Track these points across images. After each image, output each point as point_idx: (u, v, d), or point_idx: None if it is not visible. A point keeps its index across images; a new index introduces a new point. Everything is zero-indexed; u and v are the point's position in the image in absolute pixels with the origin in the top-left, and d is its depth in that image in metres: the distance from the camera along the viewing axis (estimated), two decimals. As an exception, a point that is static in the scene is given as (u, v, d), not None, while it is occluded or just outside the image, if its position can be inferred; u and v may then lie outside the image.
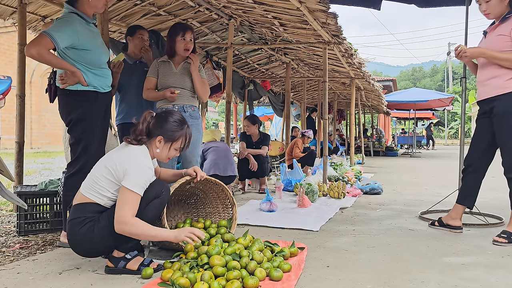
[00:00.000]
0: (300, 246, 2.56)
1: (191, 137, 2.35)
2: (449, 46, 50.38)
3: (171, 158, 2.34)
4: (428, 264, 2.33)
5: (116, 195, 2.12)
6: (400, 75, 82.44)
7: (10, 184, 5.26)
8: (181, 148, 2.30)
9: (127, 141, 2.20)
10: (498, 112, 2.88)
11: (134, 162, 2.09)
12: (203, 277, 1.93)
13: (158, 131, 2.23)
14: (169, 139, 2.24)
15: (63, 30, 2.44)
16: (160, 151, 2.24)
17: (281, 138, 12.89)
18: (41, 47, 2.35)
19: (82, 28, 2.54)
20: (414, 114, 17.27)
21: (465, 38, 3.81)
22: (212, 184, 2.66)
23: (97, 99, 2.62)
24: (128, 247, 2.15)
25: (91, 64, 2.59)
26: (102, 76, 2.66)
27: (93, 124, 2.62)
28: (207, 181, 2.58)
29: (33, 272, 2.17)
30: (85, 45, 2.53)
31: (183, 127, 2.29)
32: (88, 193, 2.13)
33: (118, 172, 2.08)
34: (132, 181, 2.04)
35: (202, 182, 2.57)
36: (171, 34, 3.30)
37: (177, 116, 2.31)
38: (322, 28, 4.73)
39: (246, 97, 8.99)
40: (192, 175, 2.44)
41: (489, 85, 2.93)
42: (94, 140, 2.62)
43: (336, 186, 4.79)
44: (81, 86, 2.56)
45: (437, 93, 16.74)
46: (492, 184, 3.30)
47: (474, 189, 3.13)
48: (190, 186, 2.64)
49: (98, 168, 2.16)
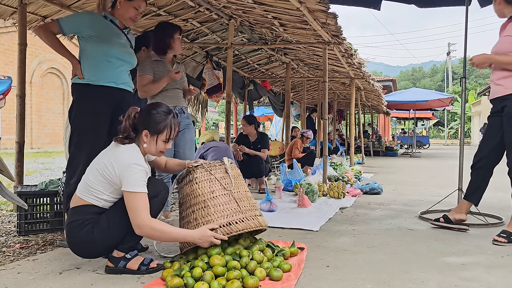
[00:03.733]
0: (300, 246, 2.56)
1: (178, 127, 2.28)
2: (449, 46, 50.44)
3: (163, 152, 2.27)
4: (428, 264, 2.34)
5: (112, 196, 2.12)
6: (400, 75, 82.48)
7: (11, 184, 5.26)
8: (168, 139, 2.22)
9: (117, 140, 2.17)
10: (509, 112, 2.90)
11: (126, 164, 2.05)
12: (204, 278, 1.93)
13: (143, 125, 2.19)
14: (154, 131, 2.18)
15: (70, 19, 2.67)
16: (148, 145, 2.19)
17: (281, 138, 12.91)
18: (47, 29, 2.58)
19: (97, 22, 2.63)
20: (414, 114, 17.28)
21: (465, 38, 3.81)
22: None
23: (98, 92, 2.59)
24: (128, 247, 2.16)
25: (101, 56, 2.60)
26: (110, 70, 2.64)
27: (90, 118, 2.59)
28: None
29: (33, 272, 2.17)
30: (94, 35, 2.59)
31: (167, 117, 2.22)
32: (84, 196, 2.12)
33: (112, 175, 2.06)
34: (131, 183, 2.03)
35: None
36: (167, 31, 3.24)
37: (161, 108, 2.24)
38: (322, 28, 4.74)
39: (246, 97, 8.99)
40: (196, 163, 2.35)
41: (501, 85, 2.96)
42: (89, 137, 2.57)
43: (336, 186, 4.79)
44: (79, 79, 2.60)
45: (437, 93, 16.75)
46: (492, 184, 3.31)
47: (480, 185, 3.15)
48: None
49: (91, 171, 2.14)
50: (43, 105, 18.07)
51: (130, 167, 2.05)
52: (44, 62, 17.93)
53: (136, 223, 2.02)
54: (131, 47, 2.81)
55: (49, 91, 18.49)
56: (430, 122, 34.84)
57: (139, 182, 2.05)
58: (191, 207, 2.25)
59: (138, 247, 2.41)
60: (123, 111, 2.31)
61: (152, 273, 2.14)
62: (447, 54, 51.55)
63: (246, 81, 8.74)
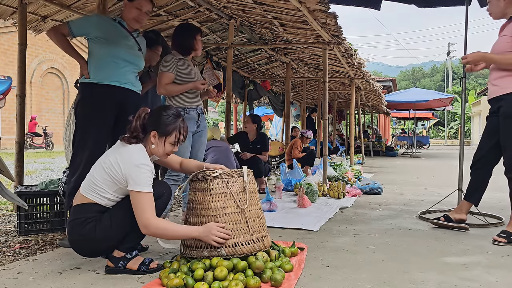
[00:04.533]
0: (300, 246, 2.56)
1: (187, 131, 2.29)
2: (449, 46, 50.42)
3: (169, 154, 2.29)
4: (428, 264, 2.34)
5: (116, 196, 2.12)
6: (400, 75, 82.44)
7: (11, 184, 5.26)
8: (176, 142, 2.24)
9: (124, 140, 2.17)
10: (504, 112, 2.90)
11: (133, 164, 2.06)
12: (205, 279, 1.93)
13: (152, 126, 2.20)
14: (163, 133, 2.19)
15: (79, 21, 2.75)
16: (155, 146, 2.20)
17: (281, 138, 12.90)
18: (57, 31, 2.68)
19: (105, 23, 2.70)
20: (414, 114, 17.28)
21: (465, 38, 3.81)
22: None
23: (101, 91, 2.64)
24: (129, 247, 2.16)
25: (107, 56, 2.66)
26: (114, 70, 2.68)
27: (93, 116, 2.63)
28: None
29: (34, 272, 2.17)
30: (102, 36, 2.66)
31: (177, 121, 2.23)
32: (88, 194, 2.13)
33: (118, 174, 2.07)
34: (138, 183, 2.04)
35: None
36: (190, 31, 3.26)
37: (172, 110, 2.26)
38: (322, 28, 4.74)
39: (246, 97, 9.00)
40: (216, 168, 2.30)
41: (497, 85, 2.96)
42: (91, 135, 2.61)
43: (336, 186, 4.79)
44: (85, 79, 2.67)
45: (437, 93, 16.76)
46: (492, 184, 3.31)
47: (480, 185, 3.15)
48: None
49: (96, 169, 2.15)
50: (43, 105, 18.07)
51: (137, 167, 2.06)
52: (44, 62, 17.94)
53: (142, 222, 2.03)
54: (139, 50, 2.85)
55: (49, 91, 18.50)
56: (430, 122, 34.83)
57: (147, 182, 2.06)
58: (200, 217, 2.21)
59: (138, 247, 2.41)
60: (127, 110, 2.33)
61: (152, 273, 2.14)
62: (447, 54, 51.53)
63: (246, 81, 8.74)
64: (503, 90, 2.91)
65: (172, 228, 2.10)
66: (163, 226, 2.07)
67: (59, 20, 4.54)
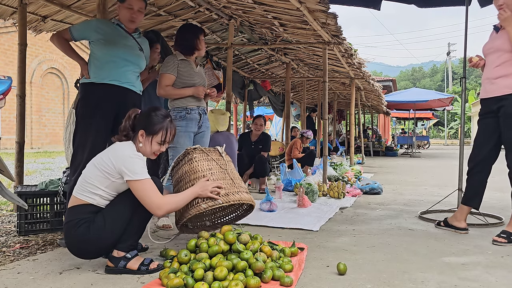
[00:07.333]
0: (300, 246, 2.56)
1: (174, 131, 2.34)
2: (449, 46, 50.41)
3: (157, 154, 2.33)
4: (428, 264, 2.34)
5: (108, 192, 2.15)
6: (400, 75, 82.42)
7: (11, 184, 5.26)
8: (163, 142, 2.27)
9: (114, 139, 2.26)
10: (508, 112, 2.83)
11: (125, 156, 2.12)
12: (205, 279, 1.93)
13: (141, 125, 2.26)
14: (150, 132, 2.24)
15: (79, 26, 2.81)
16: (143, 145, 2.24)
17: (281, 138, 12.90)
18: (60, 36, 2.76)
19: (103, 25, 2.76)
20: (414, 114, 17.28)
21: (465, 38, 3.81)
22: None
23: (101, 90, 2.67)
24: (128, 246, 2.16)
25: (107, 56, 2.71)
26: (114, 69, 2.71)
27: (93, 116, 2.66)
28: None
29: (34, 272, 2.17)
30: (101, 38, 2.71)
31: (164, 121, 2.28)
32: (80, 195, 2.15)
33: (109, 168, 2.10)
34: (134, 172, 2.08)
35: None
36: (193, 32, 3.25)
37: (160, 111, 2.32)
38: (322, 28, 4.74)
39: (246, 97, 9.00)
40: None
41: (497, 84, 2.88)
42: (91, 134, 2.65)
43: (336, 186, 4.79)
44: (85, 79, 2.72)
45: (437, 93, 16.75)
46: (492, 184, 3.30)
47: (479, 189, 3.09)
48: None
49: (89, 169, 2.20)
50: (43, 105, 18.05)
51: (130, 157, 2.12)
52: (44, 62, 17.92)
53: (155, 206, 2.11)
54: (140, 50, 2.86)
55: (49, 91, 18.48)
56: (430, 122, 34.82)
57: (143, 169, 2.12)
58: (190, 182, 2.40)
59: (138, 247, 2.41)
60: (127, 110, 2.35)
61: (152, 273, 2.14)
62: (447, 54, 51.52)
63: (246, 81, 8.73)
64: (504, 90, 2.83)
65: (178, 198, 2.24)
66: (172, 200, 2.22)
67: (59, 20, 4.54)
